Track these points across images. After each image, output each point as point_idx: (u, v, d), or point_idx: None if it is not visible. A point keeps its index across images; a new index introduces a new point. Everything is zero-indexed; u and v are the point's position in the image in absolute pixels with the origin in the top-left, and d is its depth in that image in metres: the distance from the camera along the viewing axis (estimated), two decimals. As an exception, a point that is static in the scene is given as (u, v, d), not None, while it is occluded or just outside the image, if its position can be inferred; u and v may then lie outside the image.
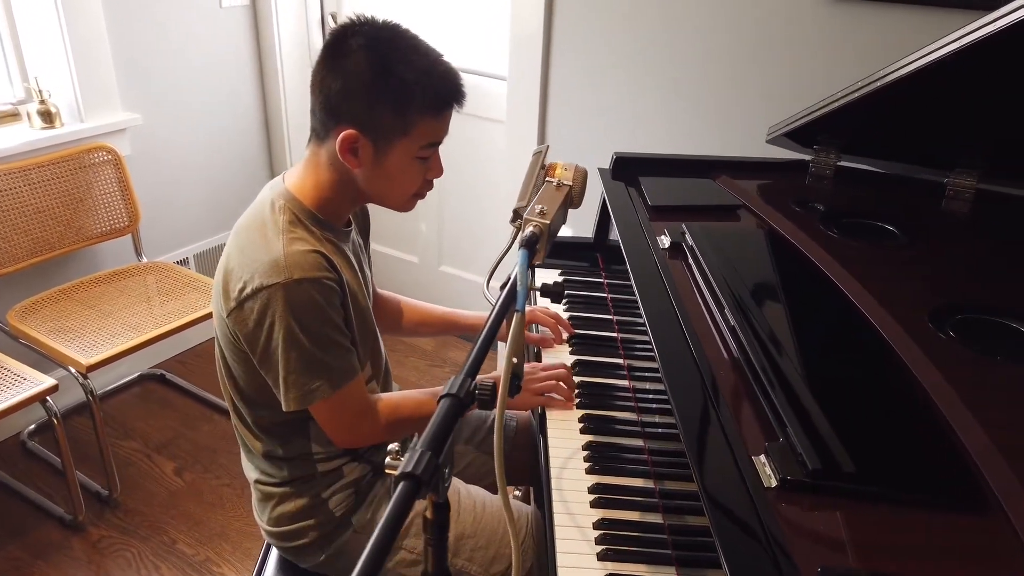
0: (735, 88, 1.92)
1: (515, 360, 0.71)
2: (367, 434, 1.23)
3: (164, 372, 2.65)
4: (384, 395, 1.25)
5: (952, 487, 0.82)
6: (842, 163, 1.60)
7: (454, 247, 2.88)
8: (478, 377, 0.65)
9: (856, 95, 1.36)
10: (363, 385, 1.19)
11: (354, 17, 1.09)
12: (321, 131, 1.12)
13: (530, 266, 0.81)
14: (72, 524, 2.03)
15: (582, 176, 0.98)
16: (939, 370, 0.98)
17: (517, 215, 1.00)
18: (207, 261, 2.81)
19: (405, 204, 1.19)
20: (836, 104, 1.42)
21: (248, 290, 1.08)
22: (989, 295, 1.18)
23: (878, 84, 1.31)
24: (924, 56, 1.21)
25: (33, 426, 2.34)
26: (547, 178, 0.97)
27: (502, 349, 2.63)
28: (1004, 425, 0.90)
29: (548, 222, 0.84)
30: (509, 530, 0.68)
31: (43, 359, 2.06)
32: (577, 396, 1.27)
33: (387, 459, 0.67)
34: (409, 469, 0.51)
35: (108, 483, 2.10)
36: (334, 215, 1.18)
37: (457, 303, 2.77)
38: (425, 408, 1.25)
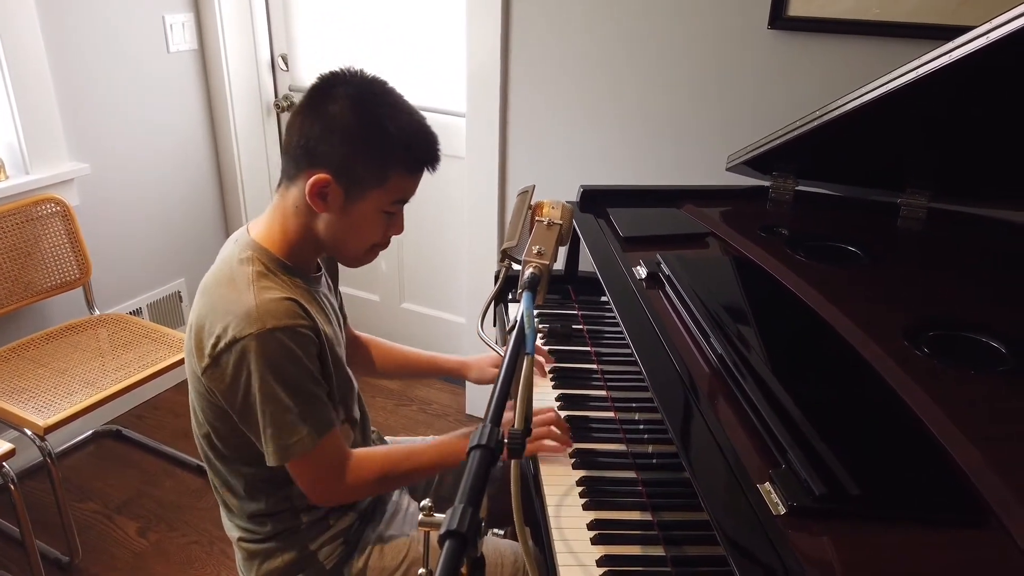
0: (693, 117, 1.98)
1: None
2: (346, 490, 1.19)
3: (120, 428, 2.55)
4: (364, 450, 1.21)
5: (954, 501, 0.84)
6: (800, 187, 1.66)
7: (415, 284, 2.87)
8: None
9: (810, 126, 1.42)
10: (341, 438, 1.16)
11: (343, 68, 1.10)
12: (293, 172, 1.11)
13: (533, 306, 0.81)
14: (31, 595, 1.93)
15: (570, 213, 0.99)
16: (921, 388, 1.01)
17: (506, 255, 1.00)
18: (161, 310, 2.73)
19: (360, 257, 1.18)
20: (792, 134, 1.47)
21: (222, 344, 1.05)
22: (954, 310, 1.23)
23: (830, 116, 1.37)
24: (872, 90, 1.27)
25: (-18, 493, 2.22)
26: (536, 218, 0.97)
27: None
28: (990, 438, 0.93)
29: (548, 263, 0.85)
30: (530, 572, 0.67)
31: (-7, 422, 1.97)
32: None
33: (420, 516, 0.66)
34: (454, 527, 0.50)
35: (69, 549, 2.01)
36: (303, 262, 1.17)
37: (420, 340, 2.75)
38: (411, 460, 1.22)
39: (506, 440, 0.61)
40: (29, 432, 1.87)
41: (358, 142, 1.06)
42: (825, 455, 0.87)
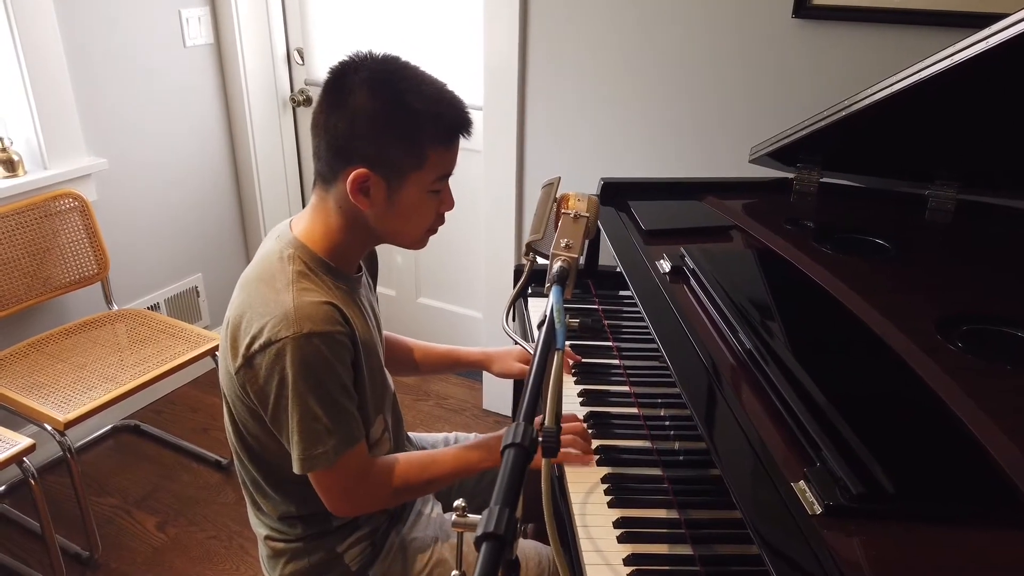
0: (715, 108, 1.95)
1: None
2: (367, 503, 1.17)
3: (138, 423, 2.56)
4: (382, 462, 1.17)
5: (993, 499, 0.82)
6: (824, 179, 1.63)
7: (431, 279, 2.85)
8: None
9: (835, 117, 1.39)
10: (365, 454, 1.13)
11: (350, 55, 1.07)
12: (328, 174, 1.08)
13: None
14: (52, 590, 1.93)
15: (596, 206, 0.97)
16: (956, 383, 0.99)
17: (530, 248, 0.99)
18: (179, 305, 2.73)
19: (419, 241, 1.15)
20: (816, 125, 1.44)
21: (256, 345, 1.03)
22: (987, 304, 1.20)
23: (856, 107, 1.34)
24: (900, 80, 1.24)
25: (2, 487, 2.23)
26: (563, 210, 0.96)
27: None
28: (1029, 434, 0.90)
29: (576, 255, 0.83)
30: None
31: (12, 416, 1.97)
32: (589, 428, 1.25)
33: (454, 516, 0.64)
34: (491, 529, 0.49)
35: (88, 543, 2.01)
36: (346, 262, 1.14)
37: (437, 336, 2.74)
38: (428, 472, 1.18)
39: (540, 438, 0.59)
40: (49, 427, 1.87)
41: (387, 127, 1.03)
42: (861, 453, 0.85)
